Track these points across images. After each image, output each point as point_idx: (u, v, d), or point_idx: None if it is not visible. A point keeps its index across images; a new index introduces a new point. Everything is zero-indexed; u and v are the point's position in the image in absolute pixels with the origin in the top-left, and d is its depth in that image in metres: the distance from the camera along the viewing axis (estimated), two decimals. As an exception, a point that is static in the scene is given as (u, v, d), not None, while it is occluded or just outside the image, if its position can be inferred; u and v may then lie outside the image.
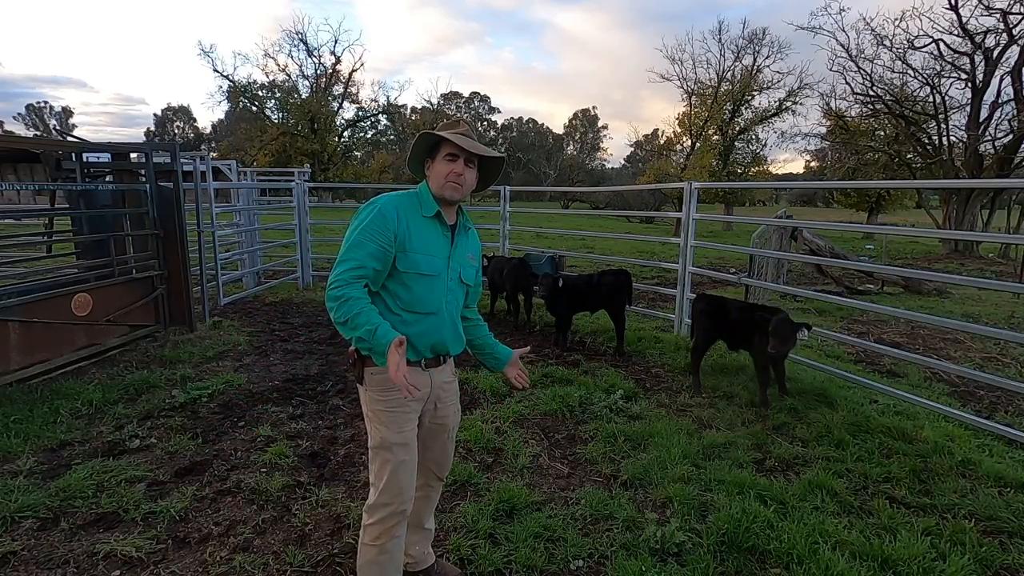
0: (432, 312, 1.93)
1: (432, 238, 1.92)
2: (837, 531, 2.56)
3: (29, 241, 7.60)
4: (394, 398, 1.88)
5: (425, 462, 2.11)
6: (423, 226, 1.91)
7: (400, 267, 1.86)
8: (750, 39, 29.98)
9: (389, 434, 1.88)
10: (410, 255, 1.87)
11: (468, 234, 2.06)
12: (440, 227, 1.94)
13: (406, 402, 1.90)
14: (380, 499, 1.89)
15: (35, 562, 2.34)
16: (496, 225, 7.94)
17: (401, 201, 1.90)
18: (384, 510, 1.88)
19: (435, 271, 1.91)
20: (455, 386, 2.15)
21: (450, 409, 2.11)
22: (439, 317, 1.94)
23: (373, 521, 1.90)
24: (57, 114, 78.04)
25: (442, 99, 48.97)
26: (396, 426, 1.89)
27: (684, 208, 5.79)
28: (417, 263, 1.88)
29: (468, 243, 2.05)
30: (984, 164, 18.60)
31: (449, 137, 1.86)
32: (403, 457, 1.89)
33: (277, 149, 33.70)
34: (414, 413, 1.95)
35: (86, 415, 3.73)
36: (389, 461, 1.88)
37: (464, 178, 1.89)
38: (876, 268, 6.29)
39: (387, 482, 1.87)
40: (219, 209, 7.20)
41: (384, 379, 1.84)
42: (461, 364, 4.75)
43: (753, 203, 35.29)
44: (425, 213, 1.91)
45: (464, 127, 1.94)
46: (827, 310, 7.70)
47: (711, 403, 4.18)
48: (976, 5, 17.45)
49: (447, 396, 2.08)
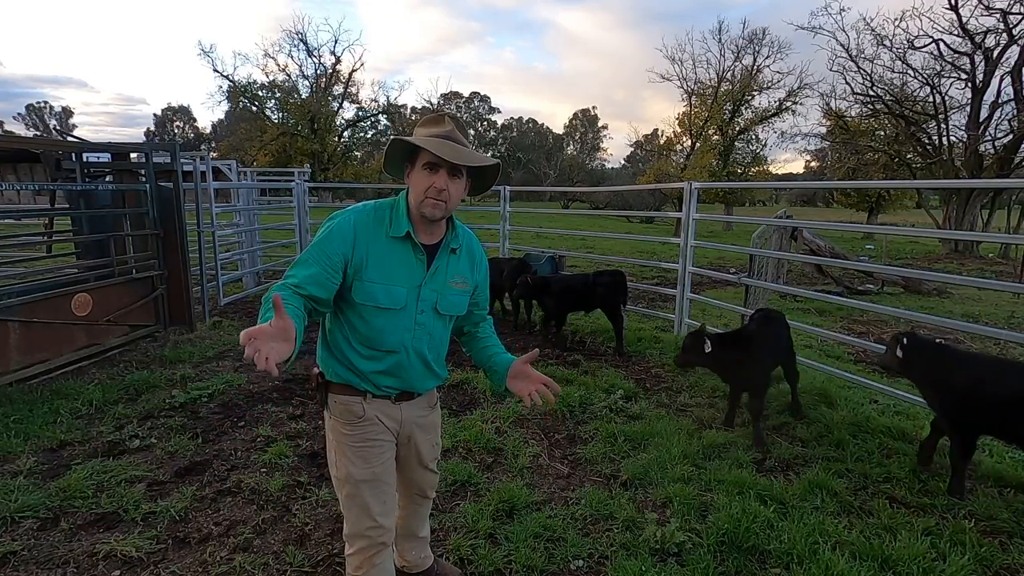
0: (392, 351, 1.65)
1: (397, 264, 1.61)
2: (837, 531, 2.56)
3: (29, 241, 7.61)
4: (361, 432, 1.67)
5: (407, 488, 1.95)
6: (388, 249, 1.61)
7: (356, 297, 1.60)
8: (750, 39, 29.99)
9: (356, 470, 1.67)
10: (366, 284, 1.59)
11: (457, 255, 1.72)
12: (412, 250, 1.63)
13: (375, 435, 1.69)
14: (354, 531, 1.71)
15: (35, 562, 2.33)
16: (496, 225, 7.94)
17: (363, 219, 1.61)
18: (361, 541, 1.70)
19: (396, 304, 1.61)
20: (433, 419, 1.90)
21: (427, 444, 1.88)
22: (401, 356, 1.66)
23: (352, 551, 1.72)
24: (57, 114, 78.04)
25: (442, 99, 49.04)
26: (364, 461, 1.67)
27: (684, 208, 5.79)
28: (374, 295, 1.59)
29: (455, 265, 1.72)
30: (984, 164, 18.61)
31: (424, 145, 1.53)
32: (371, 491, 1.68)
33: (277, 149, 33.67)
34: (386, 444, 1.73)
35: (86, 415, 3.73)
36: (356, 496, 1.68)
37: (448, 193, 1.56)
38: (876, 268, 6.29)
39: (359, 516, 1.69)
40: (219, 209, 7.20)
41: (347, 411, 1.68)
42: (461, 364, 4.75)
43: (753, 203, 35.32)
44: (393, 233, 1.61)
45: (448, 127, 1.59)
46: (827, 310, 7.70)
47: (711, 403, 4.18)
48: (976, 5, 17.48)
49: (422, 432, 1.84)
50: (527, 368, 1.73)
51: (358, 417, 1.69)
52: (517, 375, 1.74)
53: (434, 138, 1.56)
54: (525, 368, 1.73)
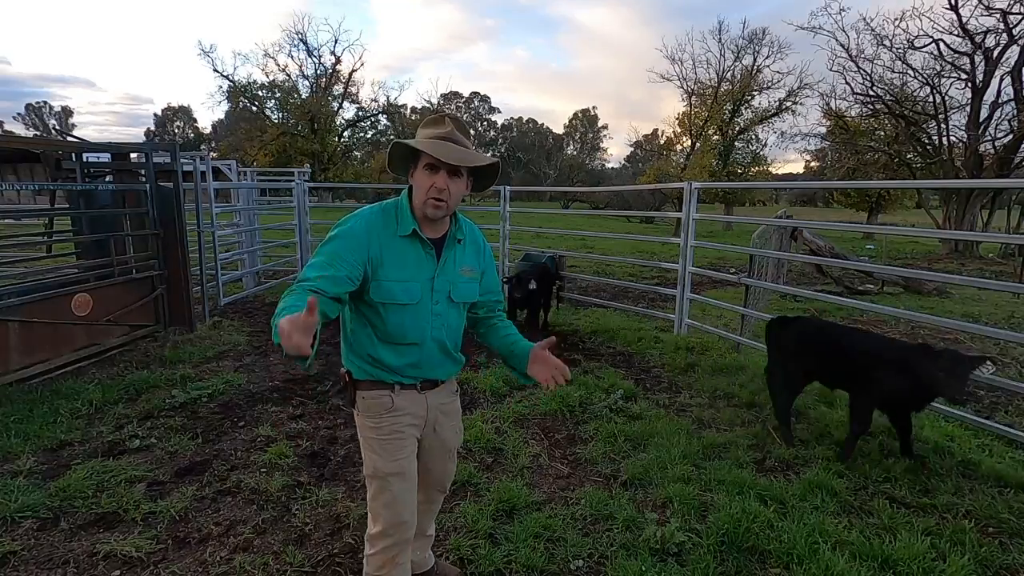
0: (415, 343, 1.73)
1: (410, 260, 1.69)
2: (837, 531, 2.56)
3: (29, 241, 7.61)
4: (387, 425, 1.74)
5: (427, 480, 1.99)
6: (399, 248, 1.68)
7: (374, 297, 1.67)
8: (750, 39, 30.03)
9: (383, 463, 1.74)
10: (384, 284, 1.66)
11: (464, 245, 1.81)
12: (421, 246, 1.70)
13: (401, 428, 1.76)
14: (379, 529, 1.76)
15: (35, 562, 2.34)
16: (496, 225, 7.95)
17: (374, 220, 1.69)
18: (385, 540, 1.76)
19: (413, 299, 1.69)
20: (455, 405, 1.99)
21: (451, 431, 1.95)
22: (423, 347, 1.75)
23: (375, 551, 1.78)
24: (56, 114, 78.08)
25: (442, 99, 49.03)
26: (389, 455, 1.74)
27: (684, 208, 5.79)
28: (392, 292, 1.67)
29: (462, 255, 1.80)
30: (984, 164, 18.59)
31: (423, 148, 1.59)
32: (399, 486, 1.75)
33: (277, 149, 33.69)
34: (410, 438, 1.80)
35: (86, 415, 3.73)
36: (384, 491, 1.75)
37: (448, 193, 1.63)
38: (876, 268, 6.29)
39: (385, 513, 1.75)
40: (219, 209, 7.20)
41: (376, 404, 1.74)
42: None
43: (753, 203, 35.27)
44: (401, 232, 1.68)
45: (448, 128, 1.65)
46: (827, 310, 7.70)
47: (711, 403, 4.18)
48: (976, 5, 17.45)
49: (446, 418, 1.92)
50: (545, 354, 1.77)
51: (387, 409, 1.75)
52: (536, 360, 1.78)
53: (433, 139, 1.62)
54: (544, 354, 1.77)
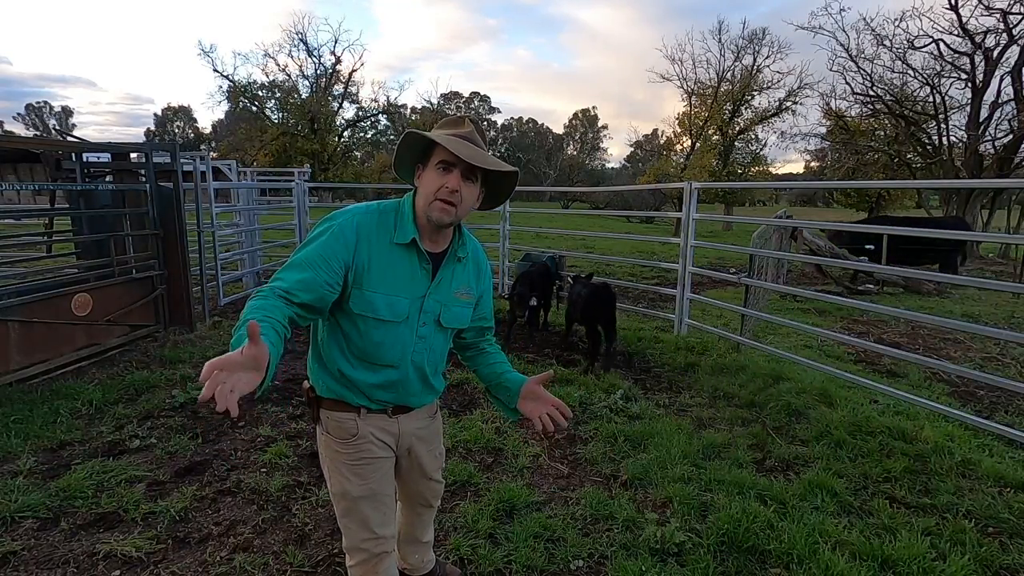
0: (391, 365, 1.54)
1: (401, 273, 1.49)
2: (837, 531, 2.56)
3: (29, 241, 7.61)
4: (355, 451, 1.57)
5: (410, 499, 1.87)
6: (391, 257, 1.48)
7: (353, 308, 1.47)
8: (750, 39, 30.00)
9: (351, 487, 1.58)
10: (366, 294, 1.46)
11: (464, 264, 1.61)
12: (417, 259, 1.51)
13: (371, 452, 1.59)
14: (352, 544, 1.63)
15: (35, 562, 2.33)
16: (496, 225, 7.95)
17: (367, 221, 1.48)
18: (361, 554, 1.63)
19: (398, 316, 1.49)
20: (434, 427, 1.80)
21: (428, 455, 1.78)
22: (399, 370, 1.55)
23: (354, 563, 1.66)
24: (57, 114, 78.09)
25: (442, 99, 48.98)
26: (359, 479, 1.58)
27: (684, 208, 5.79)
28: (374, 306, 1.46)
29: (461, 275, 1.60)
30: (984, 164, 18.59)
31: (440, 141, 1.41)
32: (370, 506, 1.60)
33: (277, 149, 33.67)
34: (383, 459, 1.63)
35: (86, 415, 3.73)
36: (354, 512, 1.60)
37: (460, 195, 1.44)
38: (876, 268, 6.29)
39: (357, 530, 1.62)
40: (219, 209, 7.20)
41: (343, 426, 1.58)
42: (461, 364, 4.73)
43: (753, 203, 35.29)
44: (398, 240, 1.48)
45: (468, 128, 1.49)
46: (827, 310, 7.70)
47: (711, 403, 4.18)
48: (976, 5, 17.44)
49: (422, 443, 1.74)
50: (539, 389, 1.61)
51: (352, 435, 1.58)
52: (528, 396, 1.61)
53: (452, 136, 1.45)
54: (538, 389, 1.61)
